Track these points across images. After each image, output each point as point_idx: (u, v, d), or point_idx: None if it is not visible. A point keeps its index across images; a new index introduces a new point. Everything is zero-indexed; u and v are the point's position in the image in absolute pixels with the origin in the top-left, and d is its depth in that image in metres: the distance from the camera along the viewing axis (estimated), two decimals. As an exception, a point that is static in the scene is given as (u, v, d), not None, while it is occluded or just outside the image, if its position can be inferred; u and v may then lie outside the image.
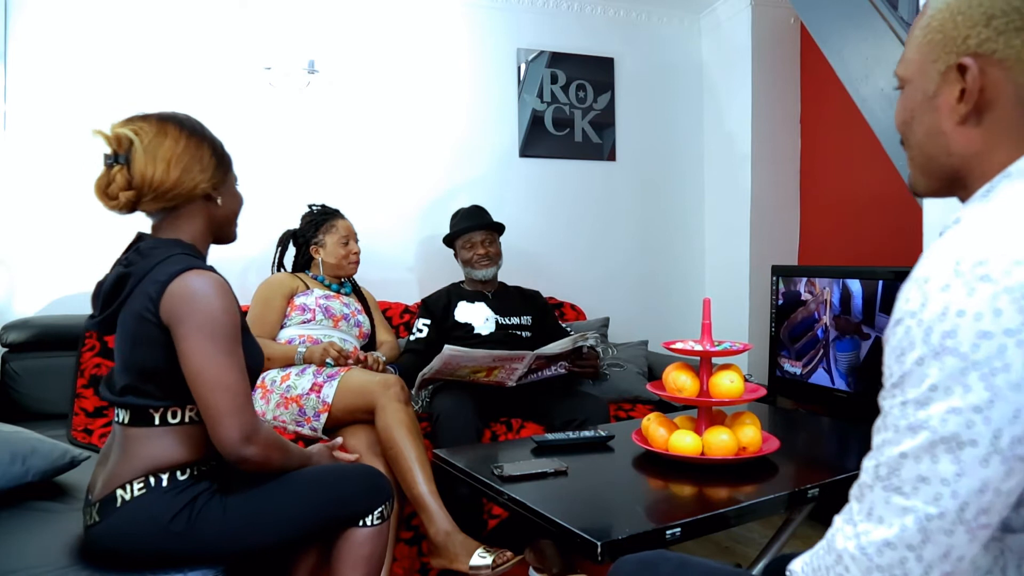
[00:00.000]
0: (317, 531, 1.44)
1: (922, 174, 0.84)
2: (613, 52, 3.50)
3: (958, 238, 0.68)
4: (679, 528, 1.31)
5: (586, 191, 3.49)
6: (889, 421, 0.69)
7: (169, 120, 1.38)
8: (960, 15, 0.75)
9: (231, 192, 1.48)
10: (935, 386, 0.64)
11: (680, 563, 1.01)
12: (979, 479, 0.63)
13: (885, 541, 0.67)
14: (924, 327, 0.65)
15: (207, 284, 1.28)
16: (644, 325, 3.44)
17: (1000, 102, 0.74)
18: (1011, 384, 0.62)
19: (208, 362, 1.26)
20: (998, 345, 0.62)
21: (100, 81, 2.67)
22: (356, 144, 3.07)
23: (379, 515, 1.49)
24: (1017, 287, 0.62)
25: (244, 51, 2.88)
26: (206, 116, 2.76)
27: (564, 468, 1.60)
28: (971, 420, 0.63)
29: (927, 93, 0.79)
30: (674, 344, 1.76)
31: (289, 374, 2.25)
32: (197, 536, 1.32)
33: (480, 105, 3.28)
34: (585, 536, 1.24)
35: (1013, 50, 0.72)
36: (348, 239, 2.55)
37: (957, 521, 0.64)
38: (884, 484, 0.68)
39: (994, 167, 0.75)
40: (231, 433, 1.28)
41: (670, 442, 1.66)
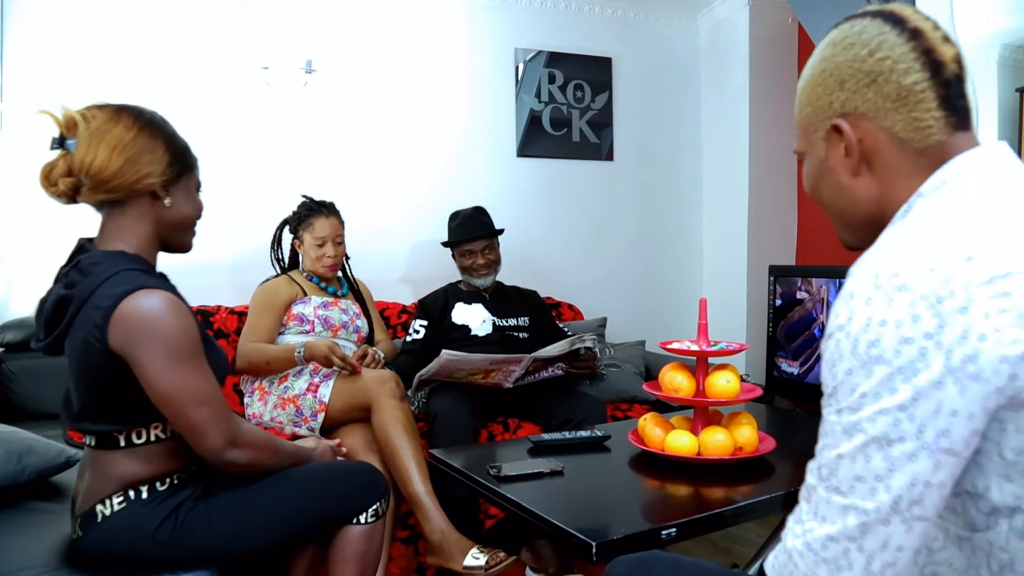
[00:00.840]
0: (310, 530, 1.43)
1: (844, 228, 0.93)
2: (611, 52, 3.50)
3: (876, 255, 0.74)
4: (675, 528, 1.31)
5: (584, 191, 3.49)
6: (827, 427, 0.74)
7: (126, 109, 1.30)
8: (820, 87, 0.86)
9: (186, 196, 1.37)
10: (865, 393, 0.69)
11: (674, 563, 1.02)
12: (909, 473, 0.68)
13: (828, 536, 0.72)
14: (851, 339, 0.70)
15: (156, 305, 1.20)
16: (642, 325, 3.43)
17: (880, 147, 0.83)
18: (932, 382, 0.66)
19: (178, 384, 1.22)
20: (919, 348, 0.67)
21: (97, 81, 2.66)
22: (353, 144, 3.07)
23: (373, 512, 1.48)
24: (931, 293, 0.67)
25: (241, 51, 2.87)
26: (203, 116, 2.81)
27: (560, 468, 1.60)
28: (898, 419, 0.67)
29: (820, 159, 0.89)
30: (670, 344, 1.76)
31: (287, 375, 2.25)
32: (184, 543, 1.30)
33: (478, 105, 3.28)
34: (580, 536, 1.24)
35: (869, 102, 0.82)
36: (325, 241, 2.41)
37: (892, 512, 0.68)
38: (826, 485, 0.73)
39: (897, 203, 0.83)
40: (216, 442, 1.26)
41: (666, 442, 1.66)
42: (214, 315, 2.66)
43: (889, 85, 0.80)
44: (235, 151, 2.89)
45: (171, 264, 2.76)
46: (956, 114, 0.81)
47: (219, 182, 2.85)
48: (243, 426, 1.33)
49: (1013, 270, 0.67)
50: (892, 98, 0.80)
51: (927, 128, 0.80)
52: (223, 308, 2.71)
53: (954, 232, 0.71)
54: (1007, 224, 0.71)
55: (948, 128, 0.80)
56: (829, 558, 0.71)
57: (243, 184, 2.90)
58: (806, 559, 0.73)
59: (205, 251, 2.85)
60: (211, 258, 2.86)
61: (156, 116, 1.35)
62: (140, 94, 2.69)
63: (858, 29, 0.83)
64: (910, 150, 0.81)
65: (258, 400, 2.27)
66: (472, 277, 2.69)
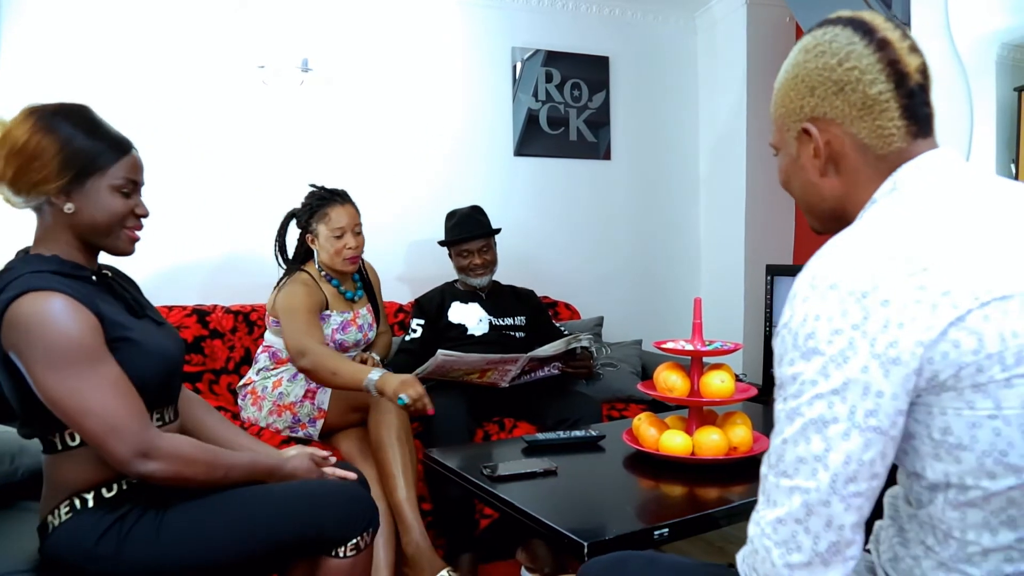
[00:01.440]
0: (275, 555, 1.32)
1: (813, 218, 0.99)
2: (608, 51, 3.49)
3: (817, 259, 0.81)
4: (667, 529, 1.31)
5: (581, 190, 3.49)
6: (775, 417, 0.81)
7: (37, 111, 1.25)
8: (792, 91, 0.92)
9: (95, 200, 1.27)
10: (804, 381, 0.76)
11: (648, 560, 1.04)
12: (843, 452, 0.74)
13: (777, 519, 0.78)
14: (793, 334, 0.78)
15: (41, 307, 1.15)
16: (639, 324, 3.43)
17: (845, 151, 0.88)
18: (860, 367, 0.73)
19: (59, 390, 1.16)
20: (848, 338, 0.74)
21: (92, 80, 2.66)
22: (350, 143, 3.07)
23: (354, 546, 1.35)
24: (857, 288, 0.74)
25: (237, 49, 2.87)
26: (199, 115, 2.81)
27: (553, 468, 1.59)
28: (831, 401, 0.74)
29: (792, 156, 0.95)
30: (665, 344, 1.76)
31: (281, 380, 2.22)
32: (127, 559, 1.23)
33: (475, 104, 3.28)
34: (572, 536, 1.24)
35: (837, 109, 0.87)
36: (343, 231, 2.24)
37: (831, 492, 0.75)
38: (774, 471, 0.79)
39: (860, 202, 0.89)
40: (119, 453, 1.18)
41: (660, 442, 1.66)
42: (210, 314, 2.66)
43: (856, 94, 0.85)
44: (231, 150, 2.88)
45: (165, 264, 2.76)
46: (917, 123, 0.86)
47: (214, 181, 2.86)
48: (163, 437, 1.24)
49: (929, 266, 0.74)
50: (858, 106, 0.86)
51: (889, 136, 0.86)
52: (219, 307, 2.71)
53: (883, 234, 0.78)
54: (932, 225, 0.78)
55: (909, 136, 0.86)
56: (780, 540, 0.77)
57: (238, 183, 2.89)
58: (761, 543, 0.79)
59: (198, 250, 2.87)
60: (206, 257, 2.86)
61: (69, 113, 1.27)
62: (135, 93, 2.70)
63: (829, 37, 0.88)
64: (872, 155, 0.87)
65: (252, 405, 2.25)
66: (469, 276, 2.69)
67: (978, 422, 0.73)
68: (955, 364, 0.72)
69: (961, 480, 0.76)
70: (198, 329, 2.59)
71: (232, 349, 2.62)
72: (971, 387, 0.73)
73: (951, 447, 0.75)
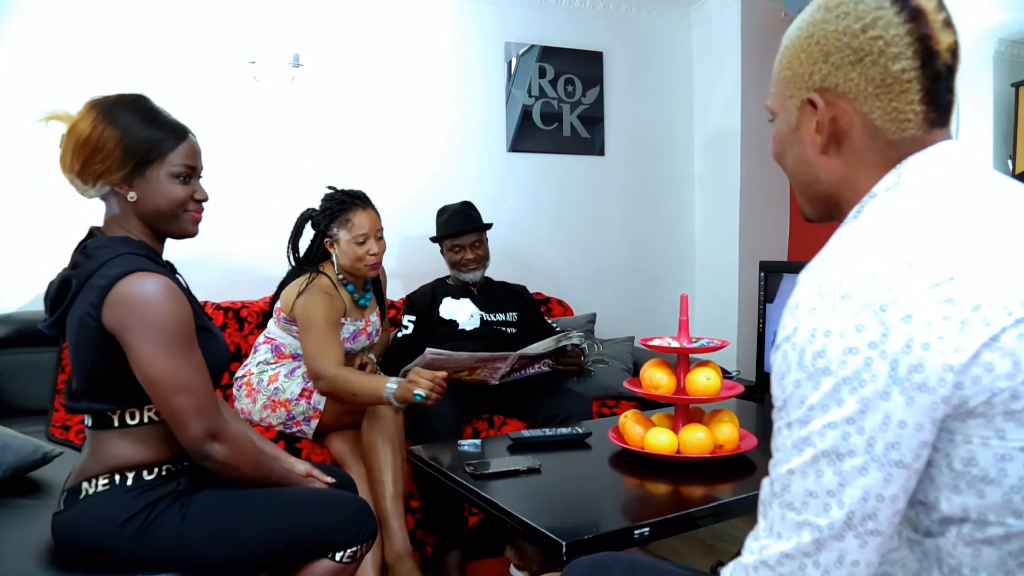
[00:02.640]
0: (284, 555, 1.38)
1: (804, 200, 0.90)
2: (602, 46, 3.47)
3: (822, 261, 0.72)
4: (648, 528, 1.30)
5: (575, 186, 3.47)
6: (779, 442, 0.72)
7: (97, 104, 1.31)
8: (803, 53, 0.81)
9: (156, 187, 1.33)
10: (813, 406, 0.68)
11: (631, 564, 1.01)
12: (860, 487, 0.66)
13: (783, 553, 0.70)
14: (798, 351, 0.69)
15: (151, 288, 1.22)
16: (632, 321, 3.42)
17: (853, 131, 0.79)
18: (878, 393, 0.65)
19: (161, 368, 1.22)
20: (864, 358, 0.65)
21: (83, 74, 2.64)
22: (342, 140, 3.05)
23: (351, 554, 1.40)
24: (874, 301, 0.66)
25: (228, 45, 2.85)
26: (189, 111, 2.75)
27: (537, 466, 1.58)
28: (846, 432, 0.66)
29: (791, 126, 0.85)
30: (651, 341, 1.75)
31: (278, 374, 2.21)
32: (149, 541, 1.28)
33: (468, 100, 3.26)
34: (550, 535, 1.23)
35: (852, 83, 0.77)
36: (366, 237, 2.17)
37: (846, 528, 0.67)
38: (779, 501, 0.71)
39: (859, 192, 0.80)
40: (195, 432, 1.26)
41: (645, 440, 1.65)
42: (200, 311, 2.64)
43: (876, 68, 0.76)
44: (222, 146, 2.86)
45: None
46: (938, 110, 0.77)
47: (206, 179, 2.84)
48: (231, 425, 1.32)
49: (956, 275, 0.65)
50: (876, 82, 0.76)
51: (905, 121, 0.77)
52: (209, 303, 2.69)
53: (898, 237, 0.70)
54: (953, 227, 0.69)
55: (926, 124, 0.77)
56: (786, 573, 0.70)
57: (229, 179, 2.88)
58: (762, 574, 0.72)
59: (190, 246, 2.84)
60: (197, 253, 2.84)
61: (128, 104, 1.33)
62: (125, 87, 2.67)
63: None
64: (882, 140, 0.78)
65: (246, 396, 2.23)
66: (461, 272, 2.67)
67: (1009, 454, 0.65)
68: (988, 390, 0.64)
69: (982, 516, 0.68)
70: (188, 326, 2.58)
71: (222, 346, 2.61)
72: (1003, 415, 0.65)
73: (974, 479, 0.67)
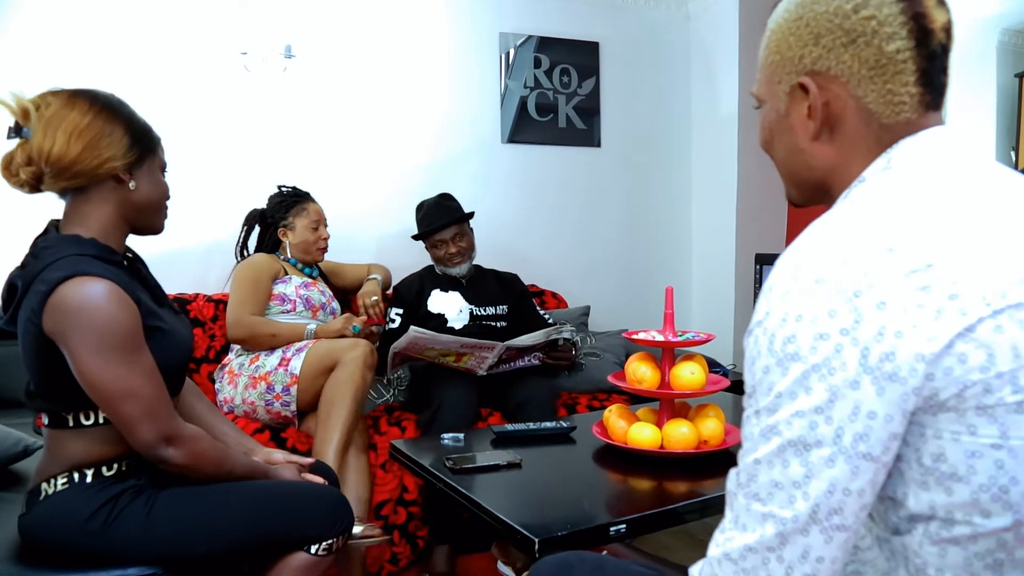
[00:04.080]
0: (258, 547, 1.36)
1: (792, 186, 0.87)
2: (598, 36, 3.43)
3: (800, 245, 0.70)
4: (624, 525, 1.28)
5: (570, 178, 3.44)
6: (747, 430, 0.70)
7: (81, 94, 1.28)
8: (792, 36, 0.78)
9: (150, 178, 1.35)
10: (781, 393, 0.66)
11: (597, 565, 0.99)
12: (827, 480, 0.64)
13: (747, 546, 0.68)
14: (768, 335, 0.67)
15: (91, 293, 1.18)
16: (627, 314, 3.39)
17: (846, 115, 0.77)
18: (848, 381, 0.63)
19: (103, 375, 1.19)
20: (834, 345, 0.63)
21: (71, 65, 2.63)
22: (334, 131, 3.03)
23: (326, 547, 1.39)
24: (849, 286, 0.64)
25: (219, 36, 2.83)
26: (180, 102, 2.78)
27: (518, 460, 1.56)
28: (814, 421, 0.64)
29: (780, 112, 0.82)
30: (636, 334, 1.73)
31: (258, 356, 2.23)
32: (114, 537, 1.26)
33: (461, 91, 3.23)
34: (523, 532, 1.21)
35: (844, 65, 0.75)
36: (319, 224, 2.49)
37: (811, 521, 0.65)
38: (745, 492, 0.69)
39: (851, 177, 0.78)
40: (146, 438, 1.23)
41: (628, 435, 1.63)
42: (191, 302, 2.64)
43: (869, 49, 0.74)
44: (213, 137, 2.85)
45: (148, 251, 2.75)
46: (933, 91, 0.75)
47: (197, 169, 2.83)
48: (187, 428, 1.29)
49: (935, 262, 0.63)
50: (870, 64, 0.74)
51: (900, 103, 0.74)
52: (200, 295, 2.69)
53: (880, 221, 0.68)
54: (937, 213, 0.67)
55: (921, 106, 0.75)
56: (748, 568, 0.68)
57: (221, 171, 2.86)
58: (725, 569, 0.70)
59: (182, 238, 2.84)
60: (189, 245, 2.84)
61: (113, 98, 1.33)
62: (115, 79, 2.64)
63: None
64: (876, 124, 0.76)
65: (228, 384, 2.25)
66: (447, 267, 2.62)
67: (979, 451, 0.63)
68: (960, 382, 0.62)
69: (949, 514, 0.66)
70: (178, 318, 2.58)
71: (212, 338, 2.60)
72: (975, 409, 0.63)
73: (942, 476, 0.65)
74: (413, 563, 2.22)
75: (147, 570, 1.31)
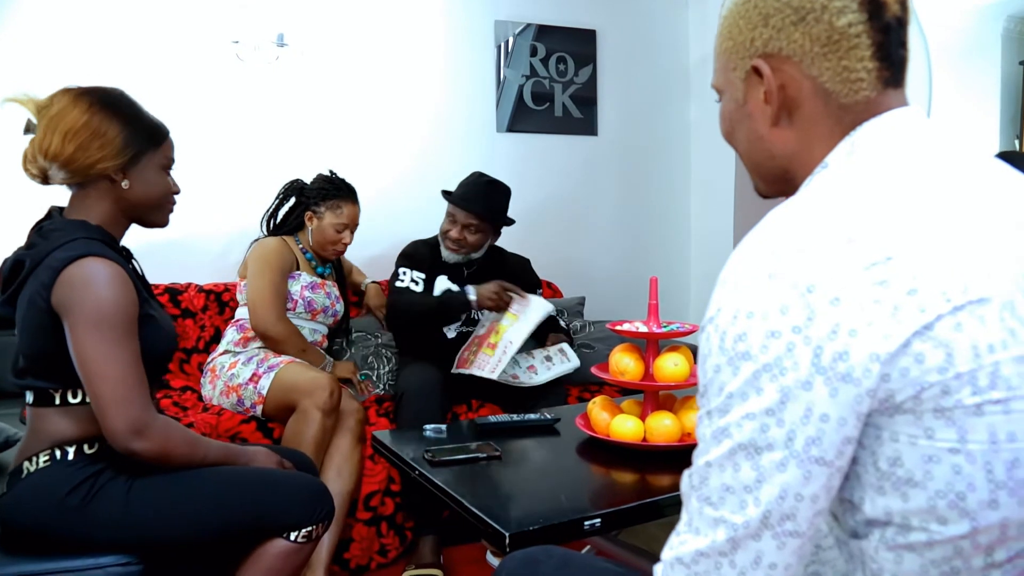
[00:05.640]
0: (235, 533, 1.37)
1: (758, 178, 0.84)
2: (595, 23, 3.39)
3: (755, 236, 0.67)
4: (599, 519, 1.26)
5: (566, 167, 3.41)
6: (699, 431, 0.69)
7: (88, 92, 1.34)
8: (742, 19, 0.76)
9: (148, 177, 1.39)
10: (732, 394, 0.64)
11: (563, 560, 0.98)
12: (778, 485, 0.62)
13: (698, 551, 0.67)
14: (720, 332, 0.65)
15: (99, 271, 1.25)
16: (623, 305, 3.36)
17: (803, 97, 0.74)
18: (800, 382, 0.61)
19: (92, 352, 1.23)
20: (786, 343, 0.61)
21: (62, 55, 2.62)
22: (327, 120, 3.01)
23: (306, 534, 1.40)
24: (802, 280, 0.61)
25: (211, 25, 2.81)
26: (172, 92, 2.76)
27: (497, 453, 1.55)
28: (765, 424, 0.62)
29: (738, 101, 0.79)
30: (620, 325, 1.71)
31: (237, 361, 2.21)
32: (93, 515, 1.28)
33: (456, 79, 3.20)
34: (494, 525, 1.20)
35: (796, 44, 0.72)
36: (347, 227, 2.38)
37: (763, 527, 0.63)
38: (698, 495, 0.67)
39: (813, 163, 0.75)
40: (116, 424, 1.24)
41: (611, 427, 1.61)
42: (182, 293, 2.63)
43: (820, 26, 0.71)
44: (205, 128, 2.84)
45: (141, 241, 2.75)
46: (891, 67, 0.72)
47: (189, 160, 2.80)
48: (158, 419, 1.30)
49: (895, 255, 0.60)
50: (822, 41, 0.71)
51: (857, 80, 0.71)
52: (192, 285, 2.68)
53: (841, 210, 0.64)
54: (900, 202, 0.64)
55: (879, 83, 0.72)
56: (701, 572, 0.67)
57: (214, 161, 2.85)
58: (677, 572, 0.68)
59: (175, 229, 2.82)
60: (182, 236, 2.82)
61: (118, 97, 1.37)
62: (106, 70, 2.64)
63: None
64: (835, 104, 0.73)
65: (209, 383, 2.25)
66: (443, 245, 2.49)
67: (936, 456, 0.61)
68: (916, 384, 0.60)
69: (905, 520, 0.63)
70: (169, 308, 2.57)
71: (203, 328, 2.60)
72: (933, 412, 0.60)
73: (899, 481, 0.63)
74: (402, 555, 2.21)
75: (123, 558, 1.33)
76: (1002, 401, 0.60)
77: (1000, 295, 0.60)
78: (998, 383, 0.59)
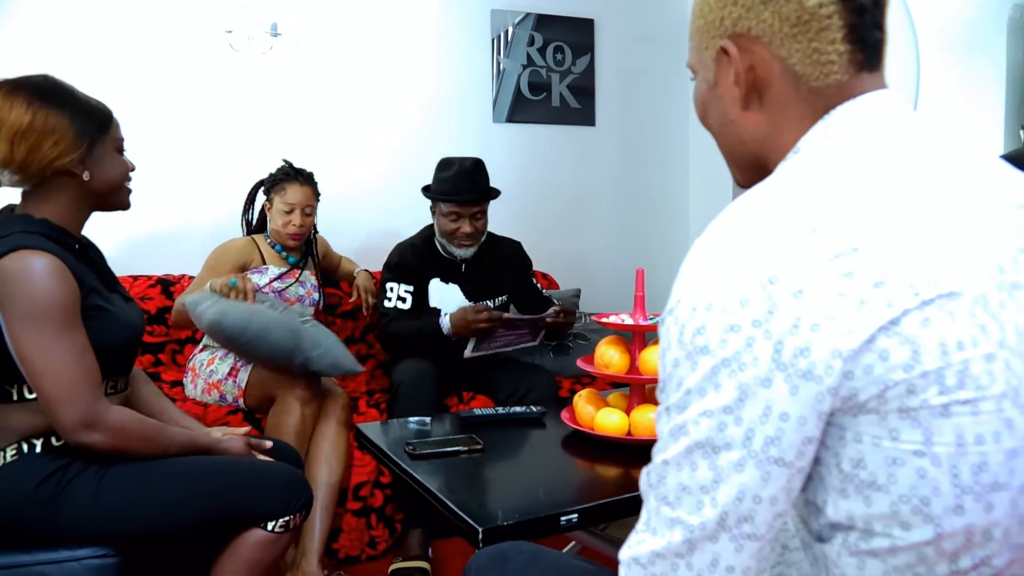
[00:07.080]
0: (210, 523, 1.35)
1: (732, 165, 0.82)
2: (593, 13, 3.36)
3: (717, 225, 0.64)
4: (576, 514, 1.24)
5: (564, 158, 3.38)
6: (658, 427, 0.66)
7: (20, 89, 1.26)
8: None
9: (106, 163, 1.35)
10: (690, 390, 0.61)
11: (533, 556, 0.96)
12: (736, 486, 0.60)
13: (655, 552, 0.65)
14: (679, 325, 0.62)
15: (31, 265, 1.20)
16: (620, 297, 3.33)
17: (772, 80, 0.71)
18: (759, 379, 0.58)
19: (31, 346, 1.20)
20: (746, 338, 0.58)
21: (52, 45, 2.60)
22: (321, 110, 2.99)
23: (283, 524, 1.37)
24: (764, 272, 0.58)
25: (204, 15, 2.79)
26: (166, 83, 2.75)
27: (479, 446, 1.53)
28: (723, 422, 0.60)
29: (709, 82, 0.77)
30: (605, 317, 1.68)
31: (214, 358, 2.20)
32: (64, 508, 1.26)
33: (451, 69, 3.17)
34: (468, 520, 1.18)
35: (765, 24, 0.69)
36: (294, 208, 2.31)
37: (719, 529, 0.61)
38: (655, 493, 0.66)
39: (784, 149, 0.72)
40: (64, 419, 1.22)
41: (595, 421, 1.59)
42: (175, 284, 2.62)
43: (790, 5, 0.68)
44: (199, 118, 2.82)
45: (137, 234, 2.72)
46: (864, 50, 0.69)
47: (184, 150, 2.81)
48: (110, 410, 1.27)
49: (861, 246, 0.57)
50: (791, 21, 0.68)
51: (828, 63, 0.68)
52: (185, 276, 2.67)
53: (807, 198, 0.61)
54: (870, 191, 0.61)
55: (852, 66, 0.68)
56: (657, 573, 0.65)
57: (208, 152, 2.84)
58: (634, 573, 0.66)
59: (171, 220, 2.83)
60: (177, 226, 2.82)
61: (51, 86, 1.30)
62: (99, 60, 2.63)
63: None
64: (805, 88, 0.70)
65: (190, 382, 2.25)
66: (452, 245, 2.41)
67: (900, 458, 0.58)
68: (880, 382, 0.57)
69: (868, 525, 0.61)
70: (162, 300, 2.56)
71: (194, 320, 2.59)
72: (897, 412, 0.57)
73: (862, 484, 0.60)
74: (391, 548, 2.20)
75: (99, 550, 1.31)
76: (970, 401, 0.57)
77: (972, 289, 0.58)
78: (966, 382, 0.57)
